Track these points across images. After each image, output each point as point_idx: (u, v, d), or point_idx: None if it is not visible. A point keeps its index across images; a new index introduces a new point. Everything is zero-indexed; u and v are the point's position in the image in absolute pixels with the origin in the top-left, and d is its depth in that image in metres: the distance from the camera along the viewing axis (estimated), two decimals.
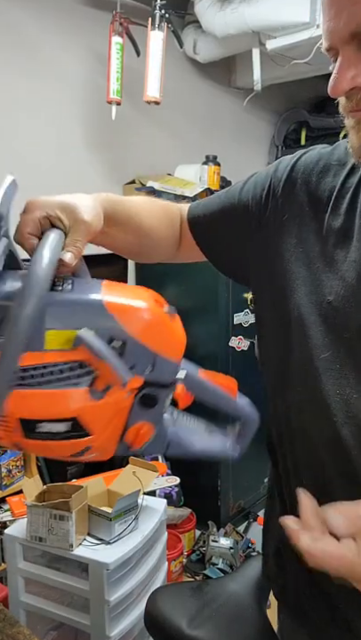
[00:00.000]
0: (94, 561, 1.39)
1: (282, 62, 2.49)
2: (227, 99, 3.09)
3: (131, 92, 2.28)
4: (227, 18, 2.30)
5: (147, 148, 2.70)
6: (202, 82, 2.96)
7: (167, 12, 2.16)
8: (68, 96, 2.37)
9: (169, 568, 1.93)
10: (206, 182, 2.56)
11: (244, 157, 3.27)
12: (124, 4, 2.28)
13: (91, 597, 1.40)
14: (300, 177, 0.73)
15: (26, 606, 1.51)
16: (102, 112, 2.32)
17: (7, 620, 0.91)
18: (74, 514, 1.40)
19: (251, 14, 2.23)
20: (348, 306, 0.62)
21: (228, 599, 1.09)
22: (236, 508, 2.52)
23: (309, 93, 3.44)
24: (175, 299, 2.90)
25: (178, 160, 2.69)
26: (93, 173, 2.51)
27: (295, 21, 2.18)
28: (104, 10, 2.34)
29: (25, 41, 2.20)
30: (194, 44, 2.69)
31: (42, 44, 2.25)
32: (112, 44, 2.19)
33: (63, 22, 2.31)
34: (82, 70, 2.39)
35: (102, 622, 1.39)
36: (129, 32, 2.24)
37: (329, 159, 0.72)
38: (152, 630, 1.10)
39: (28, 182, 2.64)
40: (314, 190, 0.71)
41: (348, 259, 0.64)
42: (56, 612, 1.47)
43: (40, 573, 1.48)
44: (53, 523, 1.42)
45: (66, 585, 1.43)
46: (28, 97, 2.23)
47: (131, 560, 1.47)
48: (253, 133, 3.36)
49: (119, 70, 2.20)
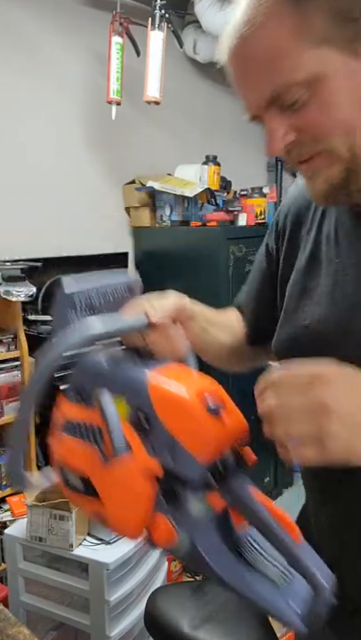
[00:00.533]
0: (94, 561, 1.39)
1: None
2: (227, 99, 3.09)
3: (131, 92, 2.28)
4: (227, 17, 2.28)
5: (147, 148, 2.70)
6: (202, 82, 2.96)
7: (167, 11, 2.16)
8: (68, 96, 2.37)
9: (169, 568, 1.93)
10: (206, 182, 2.56)
11: (244, 157, 3.27)
12: (124, 4, 2.28)
13: (91, 597, 1.40)
14: (289, 219, 0.78)
15: (26, 606, 1.51)
16: (102, 112, 2.32)
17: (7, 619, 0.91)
18: (74, 514, 1.41)
19: None
20: (325, 327, 0.66)
21: (228, 599, 1.09)
22: None
23: None
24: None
25: (178, 160, 2.69)
26: (93, 173, 2.52)
27: None
28: (104, 10, 2.34)
29: (25, 41, 2.20)
30: (194, 43, 2.69)
31: (42, 44, 2.25)
32: (112, 44, 2.19)
33: (63, 22, 2.31)
34: (82, 70, 2.39)
35: (102, 622, 1.39)
36: (129, 32, 2.24)
37: (305, 194, 0.75)
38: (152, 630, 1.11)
39: (28, 182, 2.64)
40: (295, 228, 0.76)
41: (319, 284, 0.68)
42: (56, 612, 1.47)
43: (40, 573, 1.48)
44: (53, 523, 1.42)
45: (66, 585, 1.44)
46: (28, 97, 2.24)
47: (131, 560, 1.47)
48: (253, 133, 3.35)
49: (119, 70, 2.20)
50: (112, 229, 2.63)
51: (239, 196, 2.64)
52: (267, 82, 0.55)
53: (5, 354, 1.87)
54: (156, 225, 2.59)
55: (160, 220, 2.57)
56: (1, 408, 1.86)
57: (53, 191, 2.36)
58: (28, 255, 2.12)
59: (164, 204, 2.53)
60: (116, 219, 2.66)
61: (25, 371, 1.92)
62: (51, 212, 2.35)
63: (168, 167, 2.68)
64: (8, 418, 1.89)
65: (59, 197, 2.38)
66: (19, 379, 1.91)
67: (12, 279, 1.84)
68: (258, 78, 0.55)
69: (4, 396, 1.87)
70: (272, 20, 0.53)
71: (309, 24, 0.52)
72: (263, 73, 0.54)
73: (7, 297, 1.79)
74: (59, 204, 2.38)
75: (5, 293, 1.79)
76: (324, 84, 0.53)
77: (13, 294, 1.80)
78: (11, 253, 2.08)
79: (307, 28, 0.52)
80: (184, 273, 2.44)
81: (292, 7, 0.52)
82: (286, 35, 0.52)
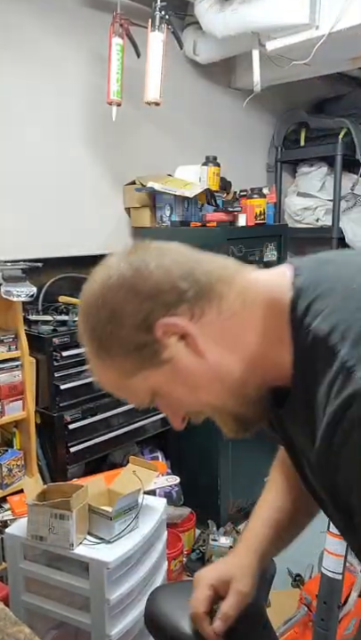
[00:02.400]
0: (95, 560, 1.39)
1: (281, 63, 2.50)
2: (227, 99, 3.10)
3: (131, 93, 2.29)
4: (227, 19, 2.30)
5: (147, 149, 2.71)
6: (202, 83, 2.96)
7: (167, 13, 2.16)
8: (69, 97, 2.38)
9: (169, 567, 1.94)
10: (206, 183, 2.56)
11: (243, 158, 3.27)
12: (125, 6, 2.29)
13: (91, 596, 1.40)
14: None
15: (26, 605, 1.52)
16: (103, 113, 2.32)
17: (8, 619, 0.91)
18: (74, 513, 1.41)
19: (250, 15, 2.23)
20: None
21: None
22: (235, 507, 2.53)
23: (309, 94, 3.45)
24: None
25: (178, 161, 2.70)
26: (94, 174, 2.52)
27: (295, 22, 2.18)
28: (104, 11, 2.35)
29: (26, 42, 2.20)
30: (194, 45, 2.70)
31: (42, 46, 2.26)
32: (112, 46, 2.20)
33: (64, 24, 2.32)
34: (82, 71, 2.40)
35: (102, 621, 1.40)
36: (129, 33, 2.25)
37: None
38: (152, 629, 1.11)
39: (28, 183, 2.65)
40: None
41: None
42: (56, 611, 1.47)
43: (41, 572, 1.48)
44: (54, 522, 1.42)
45: (66, 584, 1.44)
46: (29, 98, 2.24)
47: (131, 559, 1.47)
48: (253, 134, 3.36)
49: (119, 71, 2.20)
50: (112, 230, 2.64)
51: (239, 197, 2.64)
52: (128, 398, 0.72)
53: (6, 354, 1.88)
54: (156, 225, 2.60)
55: (160, 220, 2.57)
56: (1, 408, 1.87)
57: (54, 192, 2.36)
58: (29, 255, 2.12)
59: (164, 205, 2.54)
60: (116, 219, 2.66)
61: (25, 370, 1.92)
62: (51, 212, 2.36)
63: (168, 168, 2.68)
64: (8, 418, 1.90)
65: (59, 198, 2.39)
66: (19, 379, 1.91)
67: (13, 279, 1.84)
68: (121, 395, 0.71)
69: (4, 396, 1.87)
70: (102, 373, 0.69)
71: (123, 366, 0.66)
72: (121, 396, 0.71)
73: (8, 297, 1.79)
74: (59, 204, 2.39)
75: (6, 293, 1.79)
76: (160, 392, 0.68)
77: (14, 294, 1.81)
78: (11, 253, 2.08)
79: (123, 369, 0.66)
80: None
81: (107, 361, 0.67)
82: (116, 377, 0.68)
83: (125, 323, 0.64)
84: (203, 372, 0.65)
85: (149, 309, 0.63)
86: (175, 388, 0.67)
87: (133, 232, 2.71)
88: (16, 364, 1.91)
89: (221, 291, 0.65)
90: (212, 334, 0.65)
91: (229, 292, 0.65)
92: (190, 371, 0.65)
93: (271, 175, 3.50)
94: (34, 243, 2.29)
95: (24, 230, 2.27)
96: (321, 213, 3.25)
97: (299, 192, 3.38)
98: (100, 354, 0.67)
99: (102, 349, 0.66)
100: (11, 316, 1.91)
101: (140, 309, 0.63)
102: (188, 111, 2.89)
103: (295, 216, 3.35)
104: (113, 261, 0.67)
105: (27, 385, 1.92)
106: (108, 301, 0.64)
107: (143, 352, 0.64)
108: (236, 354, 0.65)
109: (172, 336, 0.64)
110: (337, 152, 3.08)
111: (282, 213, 3.44)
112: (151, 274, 0.64)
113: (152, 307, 0.63)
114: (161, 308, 0.63)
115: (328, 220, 3.21)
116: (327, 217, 3.22)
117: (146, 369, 0.66)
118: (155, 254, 0.66)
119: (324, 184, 3.29)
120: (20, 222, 2.26)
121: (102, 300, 0.65)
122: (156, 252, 0.67)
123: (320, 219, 3.26)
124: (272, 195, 2.65)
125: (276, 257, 2.62)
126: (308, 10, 2.14)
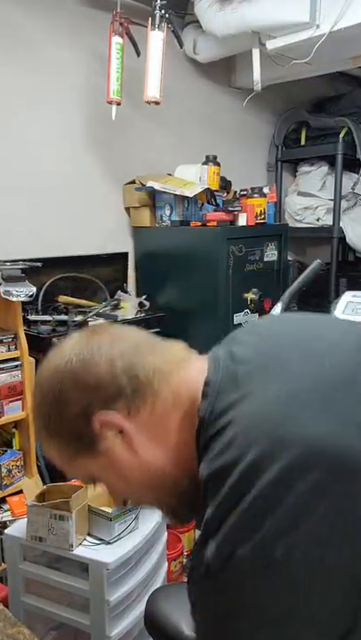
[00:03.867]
0: (94, 561, 1.39)
1: (282, 62, 2.49)
2: (227, 99, 3.09)
3: (131, 93, 2.28)
4: (227, 18, 2.30)
5: (147, 148, 2.70)
6: (202, 82, 2.96)
7: (167, 12, 2.15)
8: (69, 96, 2.37)
9: (169, 568, 1.93)
10: (206, 182, 2.56)
11: (244, 157, 3.27)
12: (125, 5, 2.28)
13: (91, 597, 1.40)
14: None
15: (26, 606, 1.51)
16: (102, 112, 2.32)
17: (7, 619, 0.91)
18: (74, 514, 1.41)
19: (251, 14, 2.23)
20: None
21: None
22: None
23: (309, 93, 3.45)
24: (175, 299, 2.90)
25: (178, 160, 2.69)
26: (93, 173, 2.52)
27: (295, 21, 2.18)
28: (104, 10, 2.35)
29: (25, 41, 2.20)
30: (194, 44, 2.69)
31: (42, 45, 2.25)
32: (112, 45, 2.19)
33: (63, 22, 2.31)
34: (82, 70, 2.40)
35: (102, 622, 1.39)
36: (129, 32, 2.24)
37: None
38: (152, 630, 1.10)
39: (28, 182, 2.64)
40: None
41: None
42: (56, 612, 1.47)
43: (40, 573, 1.48)
44: (53, 523, 1.42)
45: (66, 585, 1.43)
46: (29, 97, 2.24)
47: (131, 560, 1.47)
48: (253, 133, 3.36)
49: (119, 70, 2.20)
50: (112, 229, 2.64)
51: (239, 196, 2.64)
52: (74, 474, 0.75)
53: (5, 354, 1.87)
54: (156, 225, 2.59)
55: (160, 219, 2.57)
56: (1, 408, 1.86)
57: (53, 191, 2.36)
58: (28, 255, 2.12)
59: (164, 204, 2.53)
60: (116, 219, 2.66)
61: (25, 371, 1.92)
62: (51, 211, 2.36)
63: (168, 167, 2.68)
64: (7, 418, 1.89)
65: (59, 197, 2.38)
66: (19, 379, 1.91)
67: (12, 279, 1.84)
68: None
69: (4, 396, 1.87)
70: (48, 449, 0.72)
71: (64, 449, 0.69)
72: (66, 472, 0.74)
73: (7, 297, 1.79)
74: (59, 203, 2.38)
75: (5, 293, 1.79)
76: (98, 478, 0.71)
77: (13, 294, 1.80)
78: (11, 253, 2.08)
79: (65, 452, 0.69)
80: (184, 273, 2.44)
81: (51, 441, 0.70)
82: (60, 457, 0.71)
83: (68, 410, 0.67)
84: (135, 466, 0.68)
85: (89, 402, 0.66)
86: (110, 478, 0.71)
87: (133, 231, 2.71)
88: (15, 364, 1.90)
89: (158, 389, 0.67)
90: (146, 431, 0.67)
91: (164, 390, 0.67)
92: (124, 464, 0.68)
93: (272, 174, 3.49)
94: (33, 242, 2.28)
95: (23, 230, 2.27)
96: (322, 213, 3.25)
97: (299, 191, 3.37)
98: (46, 432, 0.70)
99: (48, 429, 0.70)
100: (10, 315, 1.90)
101: (81, 400, 0.66)
102: (188, 110, 2.89)
103: (296, 215, 3.34)
104: (68, 346, 0.70)
105: (26, 385, 1.92)
106: (54, 387, 0.67)
107: (82, 441, 0.67)
108: (165, 451, 0.68)
109: (109, 430, 0.66)
110: (338, 151, 3.07)
111: (282, 213, 3.44)
112: (96, 365, 0.66)
113: (92, 399, 0.66)
114: (100, 402, 0.66)
115: (329, 220, 3.20)
116: (328, 216, 3.21)
117: (83, 457, 0.69)
118: (107, 343, 0.68)
119: (324, 183, 3.28)
120: (20, 222, 2.25)
121: (50, 385, 0.68)
122: (110, 340, 0.69)
123: (321, 218, 3.25)
124: (272, 194, 2.65)
125: (277, 257, 2.61)
126: (308, 9, 2.14)
